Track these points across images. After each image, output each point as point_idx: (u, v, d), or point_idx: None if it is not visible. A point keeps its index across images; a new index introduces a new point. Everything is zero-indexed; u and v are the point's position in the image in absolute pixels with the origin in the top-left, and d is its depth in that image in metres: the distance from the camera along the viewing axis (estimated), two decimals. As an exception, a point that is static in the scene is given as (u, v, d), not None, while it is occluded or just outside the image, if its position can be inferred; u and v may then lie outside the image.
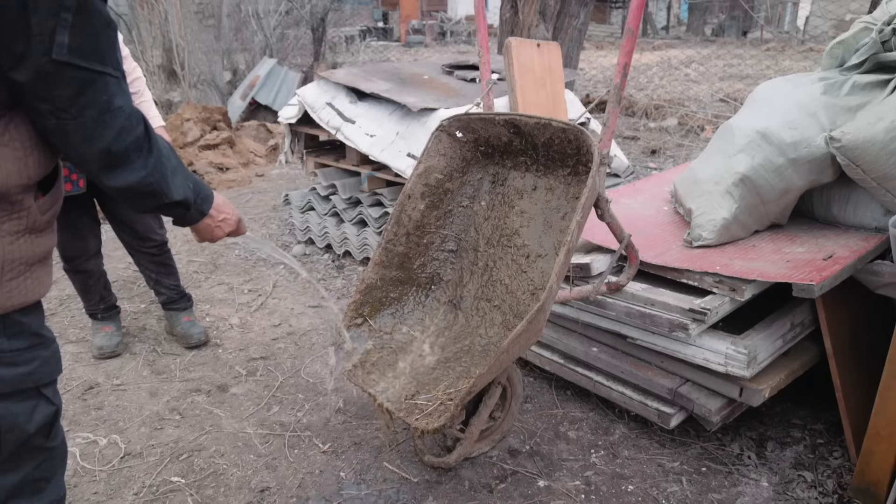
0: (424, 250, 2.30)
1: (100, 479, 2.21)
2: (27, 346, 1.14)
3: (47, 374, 1.19)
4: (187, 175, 1.30)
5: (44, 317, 1.21)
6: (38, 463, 1.22)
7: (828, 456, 2.28)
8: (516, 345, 1.73)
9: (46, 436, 1.22)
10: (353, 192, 3.98)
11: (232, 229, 1.52)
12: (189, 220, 1.38)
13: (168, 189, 1.22)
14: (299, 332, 3.24)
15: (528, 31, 5.57)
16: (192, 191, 1.31)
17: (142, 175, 1.16)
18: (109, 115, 1.06)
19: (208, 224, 1.44)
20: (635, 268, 2.21)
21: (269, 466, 2.26)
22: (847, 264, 2.12)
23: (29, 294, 1.12)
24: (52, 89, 1.00)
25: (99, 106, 1.05)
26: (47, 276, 1.18)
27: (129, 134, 1.11)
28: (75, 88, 1.01)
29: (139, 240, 2.96)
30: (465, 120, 2.19)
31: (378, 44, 19.60)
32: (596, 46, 17.98)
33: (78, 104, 1.02)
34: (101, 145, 1.08)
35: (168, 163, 1.21)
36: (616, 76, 1.82)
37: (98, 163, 1.11)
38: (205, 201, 1.38)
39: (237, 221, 1.54)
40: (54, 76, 0.99)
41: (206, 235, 1.49)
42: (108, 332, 3.04)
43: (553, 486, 2.14)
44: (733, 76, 11.52)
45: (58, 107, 1.01)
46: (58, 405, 1.24)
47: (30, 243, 1.11)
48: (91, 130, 1.06)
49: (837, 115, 2.27)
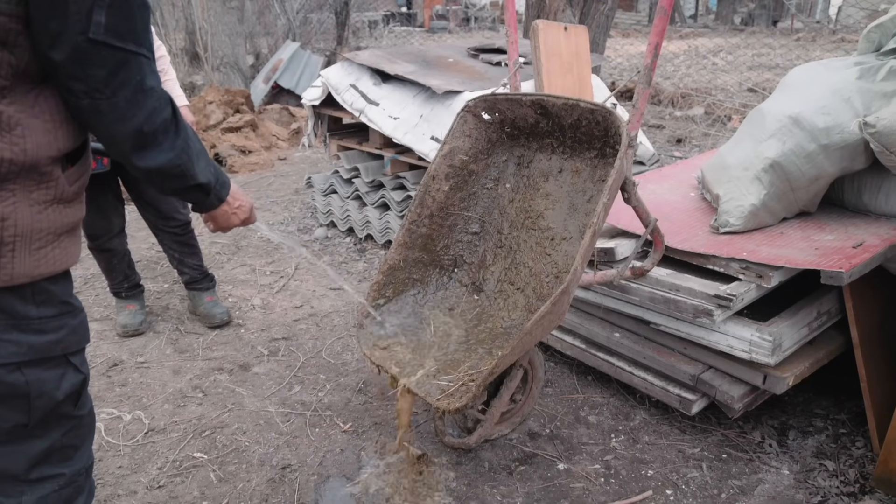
0: (448, 232, 2.30)
1: (124, 453, 2.25)
2: (56, 314, 1.15)
3: (75, 343, 1.20)
4: (209, 160, 1.31)
5: (72, 286, 1.23)
6: (67, 430, 1.24)
7: (850, 446, 2.26)
8: (539, 327, 1.72)
9: (74, 403, 1.24)
10: (376, 176, 3.98)
11: (246, 217, 1.53)
12: (208, 205, 1.39)
13: (194, 171, 1.24)
14: (321, 314, 3.26)
15: (554, 16, 5.52)
16: (213, 175, 1.32)
17: (170, 156, 1.17)
18: (142, 95, 1.08)
19: (225, 211, 1.45)
20: (661, 253, 2.20)
21: (290, 444, 2.29)
22: (877, 252, 2.08)
23: (57, 263, 1.14)
24: (87, 69, 1.01)
25: (132, 86, 1.06)
26: (75, 246, 1.19)
27: (160, 115, 1.12)
28: (110, 68, 1.03)
29: (163, 219, 2.99)
30: (492, 101, 2.18)
31: (401, 29, 19.54)
32: (622, 34, 17.77)
33: (112, 84, 1.04)
34: (133, 125, 1.09)
35: (194, 145, 1.23)
36: (647, 56, 1.79)
37: (130, 143, 1.12)
38: (223, 187, 1.39)
39: (250, 209, 1.55)
40: (90, 55, 1.00)
41: (223, 223, 1.49)
42: (132, 311, 3.08)
43: (573, 470, 2.15)
44: (762, 66, 11.33)
45: (92, 87, 1.03)
46: (86, 374, 1.26)
47: (58, 213, 1.12)
48: (124, 111, 1.07)
49: (872, 101, 2.22)
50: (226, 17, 8.21)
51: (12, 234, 1.04)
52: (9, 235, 1.04)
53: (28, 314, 1.10)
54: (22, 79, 1.01)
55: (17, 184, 1.04)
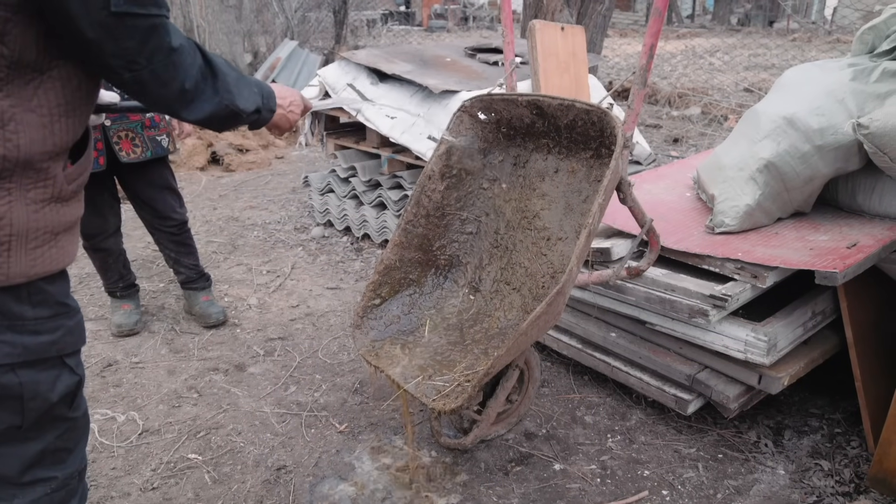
0: (444, 232, 2.30)
1: (118, 454, 2.25)
2: (51, 315, 1.14)
3: (71, 344, 1.19)
4: (249, 82, 1.31)
5: (69, 286, 1.22)
6: (61, 433, 1.22)
7: (845, 445, 2.26)
8: (535, 327, 1.72)
9: (69, 405, 1.22)
10: (373, 175, 3.98)
11: (301, 107, 1.54)
12: (264, 121, 1.40)
13: (242, 104, 1.26)
14: (317, 314, 3.26)
15: (552, 16, 5.52)
16: (259, 95, 1.33)
17: (216, 101, 1.19)
18: (176, 55, 1.09)
19: (281, 114, 1.46)
20: (656, 253, 2.20)
21: (285, 445, 2.29)
22: (871, 253, 2.09)
23: (53, 263, 1.12)
24: (121, 42, 1.01)
25: (165, 49, 1.07)
26: (73, 245, 1.18)
27: (195, 67, 1.14)
28: (140, 37, 1.03)
29: (159, 219, 2.98)
30: (488, 101, 2.18)
31: (400, 28, 19.52)
32: (620, 34, 17.78)
33: (146, 52, 1.05)
34: (176, 87, 1.11)
35: (232, 80, 1.23)
36: (642, 57, 1.79)
37: (178, 103, 1.14)
38: (270, 98, 1.40)
39: (301, 98, 1.55)
40: (119, 29, 1.00)
41: (284, 124, 1.50)
42: (127, 310, 3.07)
43: (569, 470, 2.15)
44: (758, 66, 11.34)
45: (129, 59, 1.04)
46: (81, 375, 1.24)
47: (55, 212, 1.10)
48: (164, 76, 1.09)
49: (866, 102, 2.23)
50: (223, 15, 8.20)
51: (8, 234, 1.03)
52: (4, 235, 1.03)
53: (23, 314, 1.09)
54: (19, 70, 0.99)
55: (14, 182, 1.02)
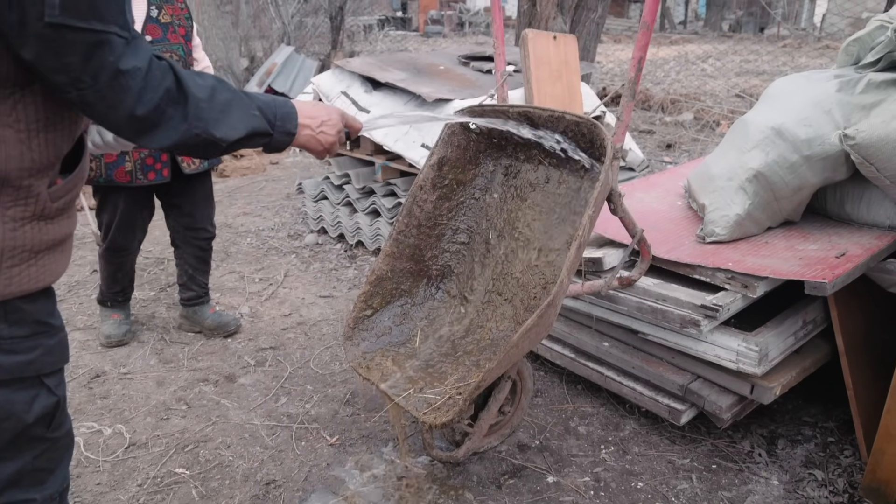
0: (436, 242, 2.29)
1: (103, 469, 2.21)
2: (29, 334, 1.09)
3: (49, 364, 1.14)
4: (247, 105, 1.19)
5: (54, 304, 1.18)
6: (39, 453, 1.17)
7: (839, 454, 2.26)
8: (526, 339, 1.72)
9: (47, 426, 1.17)
10: (367, 182, 3.97)
11: (339, 128, 1.40)
12: (281, 144, 1.28)
13: (221, 132, 1.14)
14: (310, 322, 3.25)
15: (545, 24, 5.53)
16: (260, 119, 1.21)
17: (184, 129, 1.09)
18: (123, 77, 1.00)
19: (309, 136, 1.33)
20: (648, 262, 2.20)
21: (275, 459, 2.27)
22: (859, 262, 2.10)
23: (31, 282, 1.08)
24: (61, 57, 0.95)
25: (110, 69, 0.99)
26: (57, 263, 1.14)
27: (155, 92, 1.04)
28: (83, 53, 0.96)
29: (193, 230, 2.94)
30: (479, 111, 2.18)
31: (396, 33, 19.56)
32: (614, 40, 17.84)
33: (90, 70, 0.97)
34: (125, 111, 1.03)
35: (213, 104, 1.13)
36: (631, 70, 1.80)
37: (129, 129, 1.06)
38: (286, 119, 1.27)
39: (341, 117, 1.41)
40: (57, 42, 0.93)
41: (318, 148, 1.37)
42: (117, 320, 3.03)
43: (562, 483, 2.14)
44: (750, 72, 11.40)
45: (73, 76, 0.97)
46: (60, 396, 1.19)
47: (36, 230, 1.07)
48: (110, 97, 1.01)
49: (852, 113, 2.25)
50: (220, 20, 8.19)
51: None
52: None
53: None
54: None
55: None
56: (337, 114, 1.40)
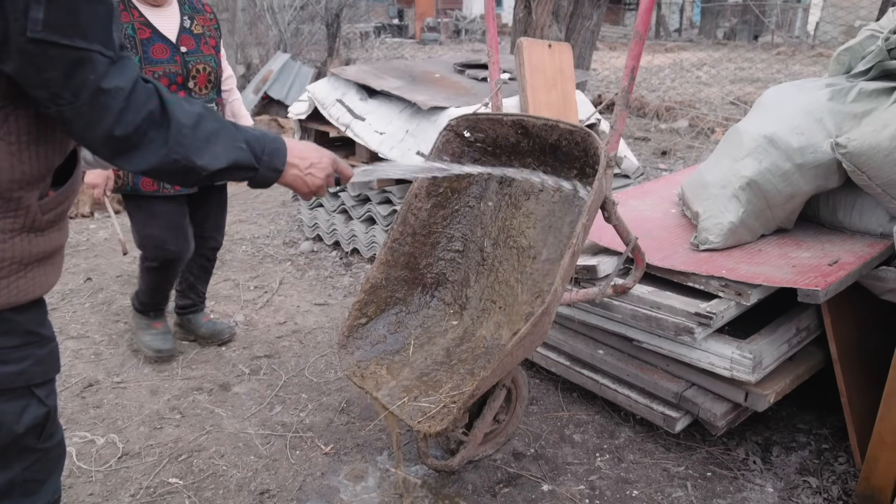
0: (431, 250, 2.29)
1: (96, 479, 2.20)
2: (19, 344, 1.10)
3: (40, 374, 1.14)
4: (234, 137, 1.19)
5: (45, 313, 1.17)
6: (29, 464, 1.17)
7: (833, 461, 2.26)
8: (521, 347, 1.72)
9: (38, 437, 1.17)
10: (362, 189, 3.98)
11: (328, 173, 1.38)
12: (266, 180, 1.27)
13: (202, 160, 1.13)
14: (305, 331, 3.24)
15: (541, 32, 5.56)
16: (244, 152, 1.19)
17: (163, 154, 1.08)
18: (104, 96, 1.00)
19: (296, 175, 1.31)
20: (642, 270, 2.20)
21: (269, 468, 2.26)
22: (852, 270, 2.11)
23: (21, 294, 1.08)
24: (42, 73, 0.95)
25: (91, 88, 0.98)
26: (47, 275, 1.14)
27: (136, 114, 1.04)
28: (64, 69, 0.96)
29: (201, 238, 2.87)
30: (474, 120, 2.19)
31: (393, 41, 19.60)
32: (609, 47, 17.90)
33: (71, 87, 0.97)
34: (103, 130, 1.02)
35: (197, 132, 1.12)
36: (624, 79, 1.81)
37: (107, 149, 1.05)
38: (274, 156, 1.26)
39: (332, 162, 1.39)
40: (39, 57, 0.93)
41: (304, 189, 1.35)
42: (160, 331, 2.91)
43: (557, 491, 2.14)
44: (744, 79, 11.45)
45: (53, 92, 0.97)
46: (50, 406, 1.19)
47: (26, 242, 1.07)
48: (89, 115, 1.00)
49: (843, 122, 2.27)
50: (216, 27, 8.21)
51: None
52: None
53: None
54: None
55: None
56: (328, 158, 1.39)
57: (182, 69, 2.51)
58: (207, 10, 2.70)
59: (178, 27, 2.54)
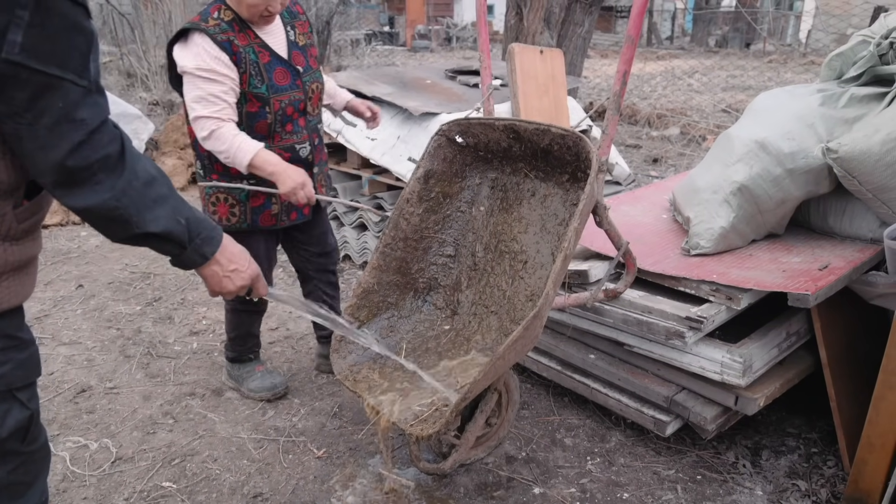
0: (422, 255, 2.30)
1: (90, 484, 2.20)
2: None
3: (21, 378, 1.14)
4: (178, 209, 1.18)
5: (23, 319, 1.17)
6: (14, 467, 1.18)
7: (822, 465, 2.28)
8: (512, 351, 1.73)
9: (21, 440, 1.17)
10: (354, 196, 3.98)
11: (245, 284, 1.36)
12: (187, 261, 1.26)
13: (140, 218, 1.11)
14: (297, 336, 3.24)
15: (532, 38, 5.59)
16: (181, 226, 1.18)
17: (105, 197, 1.06)
18: (67, 125, 0.99)
19: (215, 272, 1.30)
20: (633, 275, 2.22)
21: (262, 472, 2.26)
22: (842, 275, 2.12)
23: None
24: (7, 90, 0.94)
25: (55, 114, 0.98)
26: (22, 285, 1.13)
27: (94, 151, 1.02)
28: (31, 92, 0.95)
29: (325, 255, 2.64)
30: (465, 125, 2.20)
31: (384, 48, 19.65)
32: (601, 55, 18.01)
33: (34, 109, 0.96)
34: (55, 157, 1.00)
35: (146, 190, 1.11)
36: (615, 84, 1.82)
37: (52, 176, 1.03)
38: (206, 243, 1.25)
39: (252, 277, 1.38)
40: (8, 77, 0.93)
41: (214, 287, 1.34)
42: (265, 371, 2.72)
43: (549, 494, 2.14)
44: (736, 87, 11.53)
45: (13, 110, 0.96)
46: (33, 409, 1.19)
47: (1, 251, 1.07)
48: (45, 139, 0.98)
49: (835, 127, 2.28)
50: (206, 35, 8.19)
51: None
52: None
53: None
54: None
55: None
56: (252, 272, 1.38)
57: (303, 94, 2.32)
58: (300, 10, 2.47)
59: (286, 41, 2.32)
